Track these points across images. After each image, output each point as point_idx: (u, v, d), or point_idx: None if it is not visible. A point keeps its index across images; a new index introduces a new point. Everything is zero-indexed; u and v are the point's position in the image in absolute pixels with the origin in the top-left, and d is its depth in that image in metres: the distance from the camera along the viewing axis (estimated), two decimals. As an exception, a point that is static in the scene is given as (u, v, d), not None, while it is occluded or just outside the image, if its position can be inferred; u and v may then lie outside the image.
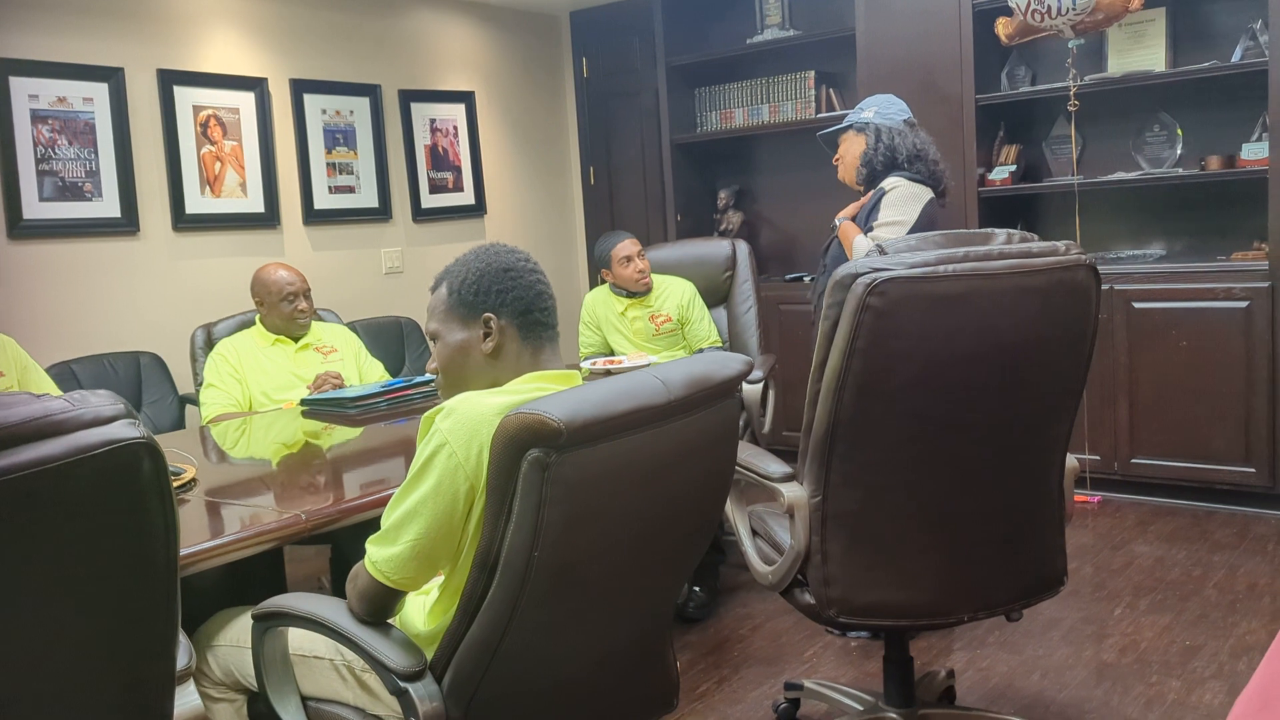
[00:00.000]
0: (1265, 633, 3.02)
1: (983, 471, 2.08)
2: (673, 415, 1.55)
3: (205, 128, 4.53)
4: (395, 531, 1.56)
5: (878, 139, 3.15)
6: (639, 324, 4.00)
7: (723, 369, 1.68)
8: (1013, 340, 1.98)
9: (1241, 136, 4.18)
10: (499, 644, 1.50)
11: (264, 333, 3.47)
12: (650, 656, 1.85)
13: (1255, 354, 3.92)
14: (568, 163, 6.22)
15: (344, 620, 1.63)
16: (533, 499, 1.41)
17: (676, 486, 1.64)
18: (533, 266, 1.74)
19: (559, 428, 1.38)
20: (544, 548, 1.44)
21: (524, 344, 1.70)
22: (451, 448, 1.51)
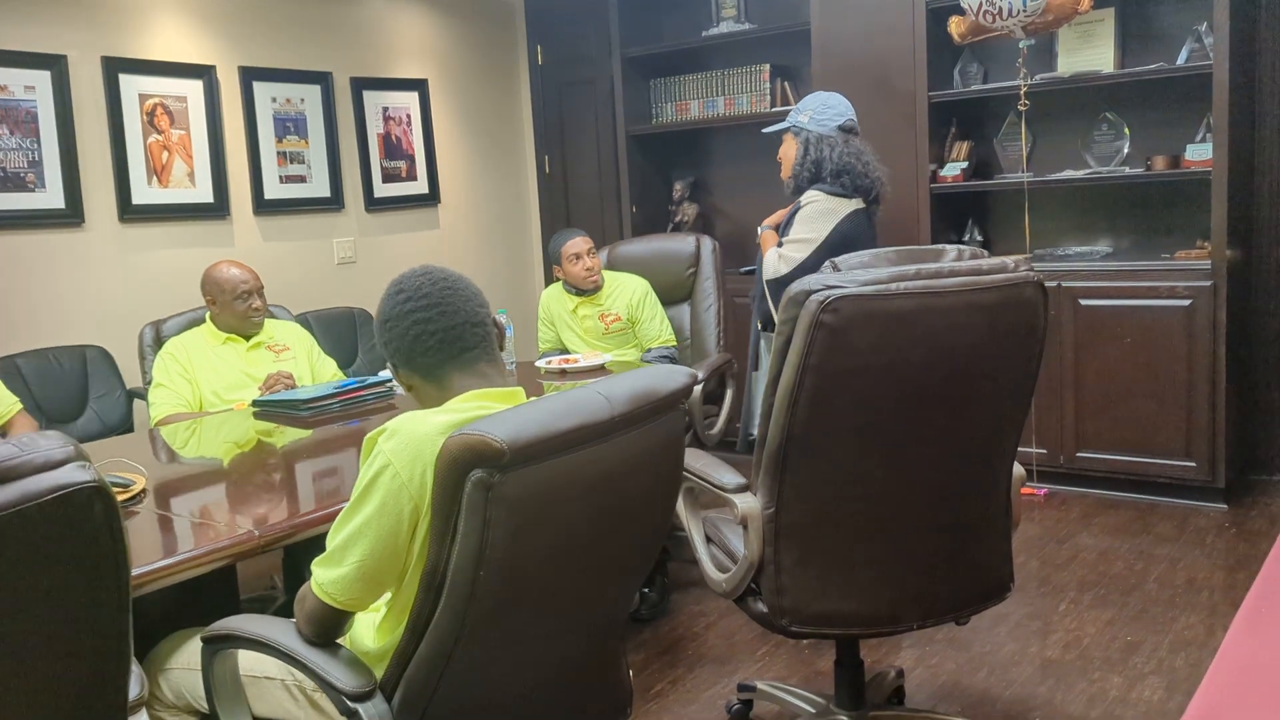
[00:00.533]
0: (1203, 628, 3.11)
1: (932, 484, 2.12)
2: (616, 430, 1.56)
3: (152, 116, 4.44)
4: (340, 553, 1.56)
5: (805, 151, 3.17)
6: (589, 322, 4.00)
7: (667, 382, 1.68)
8: (963, 356, 2.02)
9: (1186, 137, 4.26)
10: (447, 662, 1.51)
11: (214, 331, 3.42)
12: (604, 666, 1.87)
13: (1197, 351, 4.01)
14: (522, 152, 6.18)
15: (292, 642, 1.63)
16: (477, 519, 1.42)
17: (623, 499, 1.65)
18: (411, 309, 1.67)
19: (502, 448, 1.39)
20: (489, 566, 1.45)
21: (430, 383, 1.69)
22: (395, 469, 1.51)
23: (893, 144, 4.60)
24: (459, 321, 1.68)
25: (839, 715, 2.43)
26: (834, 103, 3.22)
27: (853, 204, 3.13)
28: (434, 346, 1.66)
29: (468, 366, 1.69)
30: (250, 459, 2.82)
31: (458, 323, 1.68)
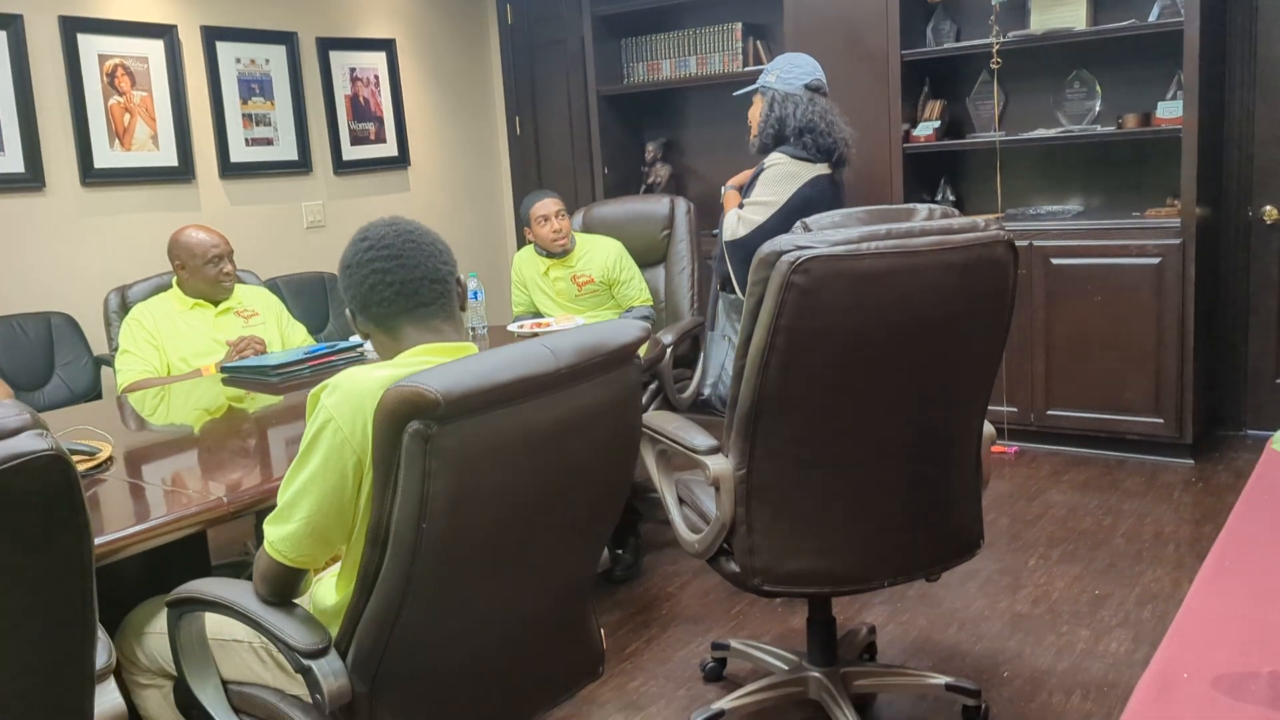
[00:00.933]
0: (1169, 581, 3.17)
1: (903, 443, 2.13)
2: (563, 383, 1.55)
3: (112, 78, 4.35)
4: (288, 510, 1.57)
5: (770, 109, 3.14)
6: (561, 284, 3.98)
7: (617, 336, 1.67)
8: (933, 316, 2.02)
9: (1158, 95, 4.27)
10: (397, 617, 1.51)
11: (182, 296, 3.38)
12: (571, 626, 1.87)
13: (1166, 309, 4.05)
14: (493, 113, 6.11)
15: (249, 602, 1.64)
16: (416, 471, 1.42)
17: (576, 454, 1.64)
18: (372, 256, 1.67)
19: (436, 399, 1.38)
20: (432, 519, 1.45)
21: (384, 333, 1.69)
22: (337, 423, 1.52)
23: (865, 103, 4.58)
24: (418, 276, 1.67)
25: (812, 672, 2.46)
26: (801, 62, 3.20)
27: (817, 169, 3.11)
28: (389, 298, 1.66)
29: (422, 321, 1.68)
30: (220, 425, 2.80)
31: (416, 277, 1.67)
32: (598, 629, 1.94)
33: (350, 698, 1.55)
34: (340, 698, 1.54)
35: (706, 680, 2.75)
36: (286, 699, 1.72)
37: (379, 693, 1.56)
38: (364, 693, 1.55)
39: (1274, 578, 1.38)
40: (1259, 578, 1.38)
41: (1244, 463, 4.15)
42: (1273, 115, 4.23)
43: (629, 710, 2.64)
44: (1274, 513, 1.59)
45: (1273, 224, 4.27)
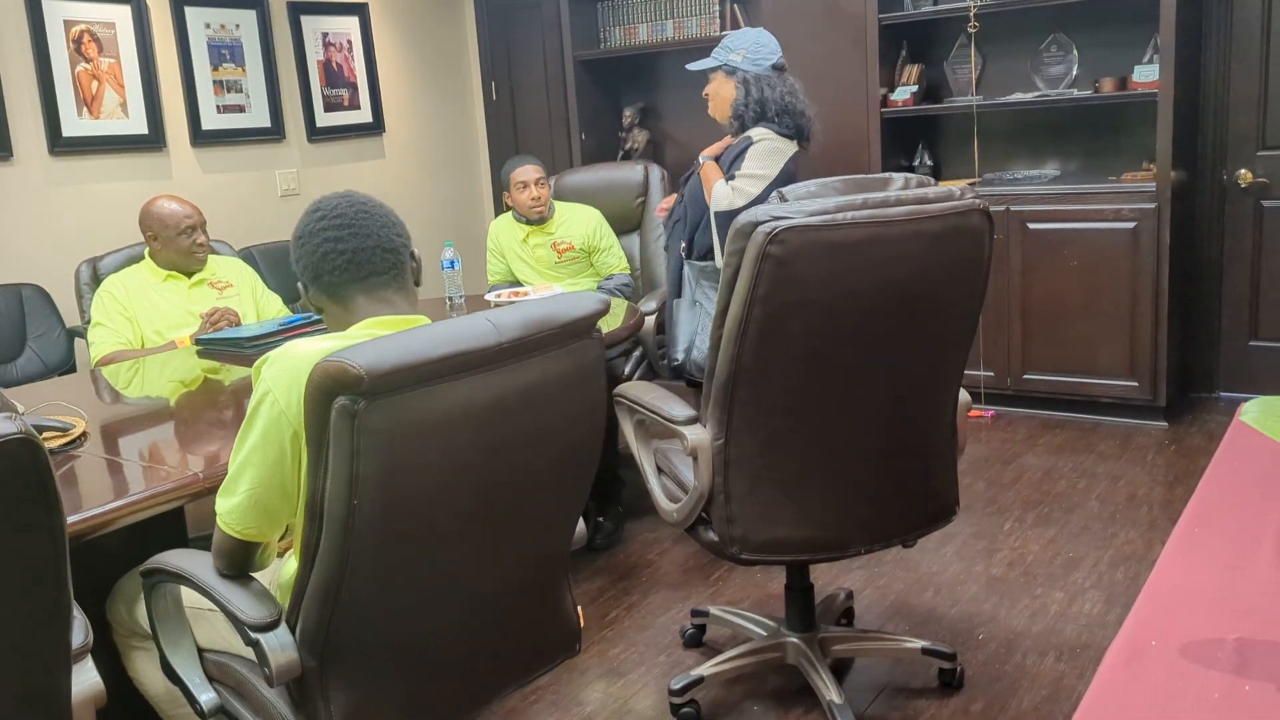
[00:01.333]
0: (1142, 542, 3.21)
1: (879, 412, 2.14)
2: (507, 358, 1.52)
3: (79, 44, 4.27)
4: (233, 482, 1.58)
5: (748, 92, 3.15)
6: (541, 251, 3.95)
7: (570, 309, 1.63)
8: (909, 285, 2.03)
9: (1134, 59, 4.26)
10: (338, 592, 1.50)
11: (155, 268, 3.34)
12: (542, 604, 1.84)
13: (1141, 273, 4.07)
14: (468, 78, 6.04)
15: (206, 574, 1.64)
16: (344, 447, 1.40)
17: (526, 429, 1.60)
18: (325, 226, 1.65)
19: (360, 374, 1.35)
20: (364, 496, 1.43)
21: (336, 304, 1.68)
22: (274, 396, 1.51)
23: (843, 68, 4.56)
24: (369, 245, 1.66)
25: (790, 638, 2.49)
26: (765, 40, 3.21)
27: (794, 146, 3.16)
28: (341, 266, 1.64)
29: (373, 291, 1.66)
30: (196, 398, 2.78)
31: (368, 245, 1.65)
32: (574, 607, 1.91)
33: (300, 671, 1.55)
34: (289, 671, 1.54)
35: (686, 647, 2.78)
36: (254, 667, 1.72)
37: (329, 667, 1.56)
38: (314, 666, 1.55)
39: (1240, 548, 1.41)
40: (1225, 548, 1.41)
41: (1216, 425, 4.20)
42: (1247, 78, 4.24)
43: (610, 677, 2.66)
44: (1240, 484, 1.61)
45: (1247, 187, 4.30)
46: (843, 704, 2.28)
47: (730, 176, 3.14)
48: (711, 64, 3.23)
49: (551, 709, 2.54)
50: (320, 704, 1.57)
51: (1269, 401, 1.17)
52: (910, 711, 2.43)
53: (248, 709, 1.73)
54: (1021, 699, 2.44)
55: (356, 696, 1.59)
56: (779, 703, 2.50)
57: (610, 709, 2.52)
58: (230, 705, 1.76)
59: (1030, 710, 2.40)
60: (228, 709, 1.77)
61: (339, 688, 1.57)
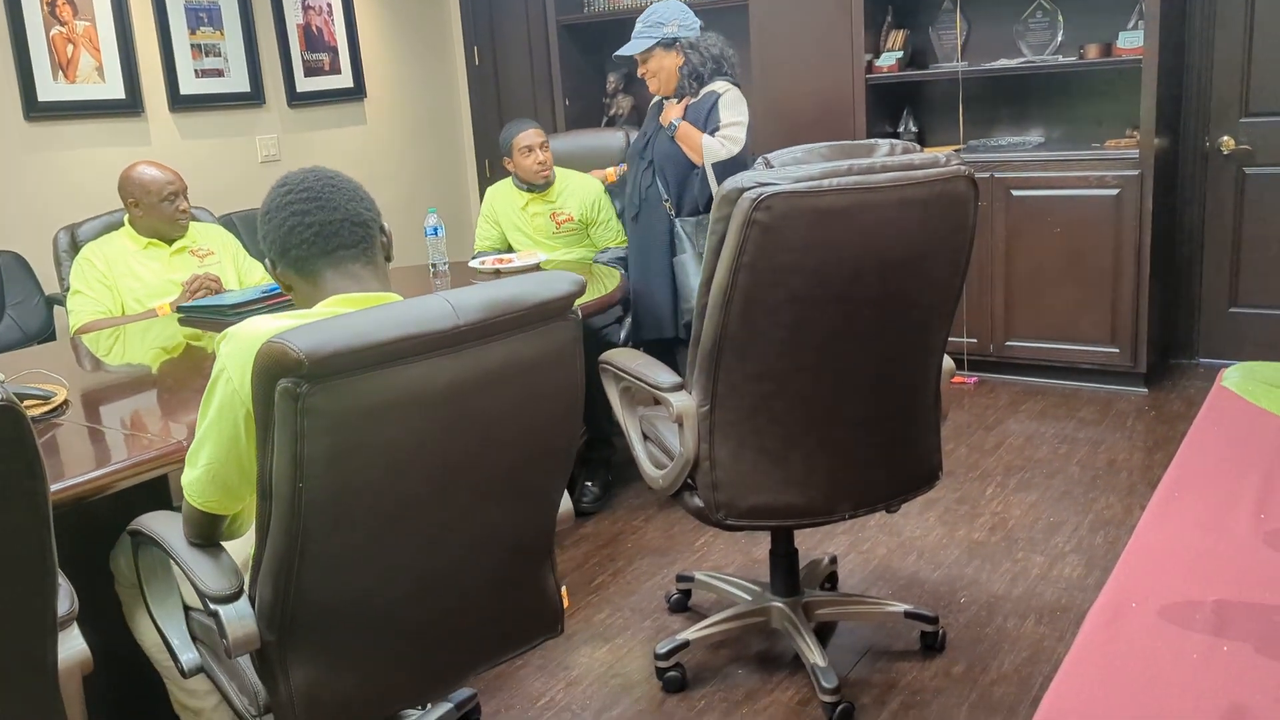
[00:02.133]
0: (1121, 507, 3.25)
1: (864, 379, 2.15)
2: (465, 341, 1.47)
3: (53, 6, 4.19)
4: (194, 455, 1.59)
5: (699, 54, 3.35)
6: (539, 220, 3.92)
7: (539, 291, 1.58)
8: (894, 252, 2.03)
9: (1119, 25, 4.26)
10: (290, 569, 1.49)
11: (135, 235, 3.30)
12: (519, 588, 1.81)
13: (1123, 240, 4.09)
14: (451, 43, 5.98)
15: (175, 541, 1.65)
16: (289, 430, 1.38)
17: (489, 413, 1.56)
18: (292, 200, 1.63)
19: (299, 358, 1.33)
20: (310, 479, 1.41)
21: (304, 278, 1.65)
22: (229, 374, 1.51)
23: (829, 33, 4.53)
24: (337, 218, 1.63)
25: (774, 602, 2.51)
26: (685, 9, 3.43)
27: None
28: (308, 239, 1.62)
29: (340, 265, 1.63)
30: (178, 365, 2.76)
31: (335, 219, 1.63)
32: (556, 588, 1.88)
33: (259, 644, 1.55)
34: (247, 643, 1.54)
35: (671, 611, 2.80)
36: None
37: (289, 642, 1.55)
38: (273, 641, 1.55)
39: (1218, 511, 1.42)
40: (1205, 511, 1.42)
41: (1196, 391, 4.24)
42: (1231, 45, 4.24)
43: (595, 642, 2.68)
44: (1221, 448, 1.63)
45: (1229, 154, 4.31)
46: (826, 667, 2.31)
47: (714, 129, 3.31)
48: (649, 42, 3.37)
49: (538, 673, 2.56)
50: (280, 676, 1.56)
51: (1251, 367, 1.18)
52: (893, 674, 2.46)
53: (224, 672, 1.74)
54: (1002, 661, 2.48)
55: (316, 671, 1.58)
56: (763, 666, 2.53)
57: (596, 673, 2.55)
58: (209, 666, 1.78)
59: (1011, 672, 2.43)
60: (207, 669, 1.78)
61: (298, 661, 1.57)
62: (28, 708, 1.30)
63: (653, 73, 3.41)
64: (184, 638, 1.81)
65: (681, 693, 2.44)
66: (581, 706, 2.42)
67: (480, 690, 2.44)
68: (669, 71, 3.38)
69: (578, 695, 2.47)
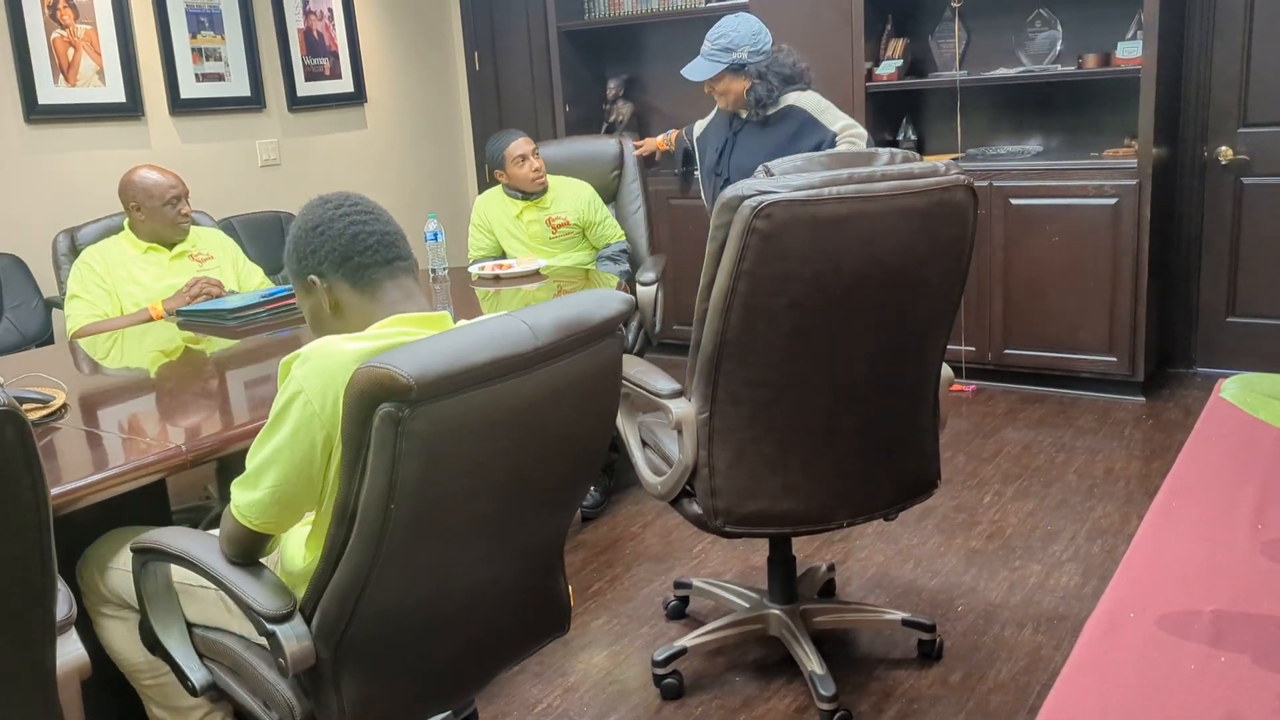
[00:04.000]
0: (1119, 516, 3.25)
1: (863, 387, 2.15)
2: (540, 362, 1.51)
3: (54, 10, 4.20)
4: (255, 477, 1.55)
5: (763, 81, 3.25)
6: (535, 227, 3.92)
7: (599, 310, 1.62)
8: (893, 261, 2.03)
9: (1118, 35, 4.27)
10: (362, 592, 1.50)
11: (135, 240, 3.30)
12: (540, 590, 1.85)
13: (1121, 249, 4.10)
14: (451, 49, 5.99)
15: (215, 561, 1.63)
16: (387, 454, 1.38)
17: (552, 429, 1.61)
18: (345, 211, 1.65)
19: (408, 384, 1.33)
20: (401, 500, 1.42)
21: (361, 291, 1.64)
22: (306, 396, 1.48)
23: (829, 42, 4.54)
24: (392, 230, 1.68)
25: (772, 609, 2.51)
26: (757, 28, 3.30)
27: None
28: (372, 246, 1.64)
29: (396, 277, 1.66)
30: (177, 370, 2.76)
31: (391, 230, 1.68)
32: (566, 587, 1.92)
33: (314, 662, 1.55)
34: (303, 662, 1.54)
35: (669, 618, 2.80)
36: (252, 647, 1.72)
37: (343, 659, 1.57)
38: (327, 658, 1.56)
39: (1216, 522, 1.43)
40: (1202, 522, 1.43)
41: (1193, 400, 4.24)
42: (1229, 56, 4.25)
43: (593, 648, 2.68)
44: (1218, 459, 1.63)
45: (1227, 164, 4.32)
46: (824, 674, 2.31)
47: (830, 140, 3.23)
48: (718, 68, 3.25)
49: (536, 680, 2.56)
50: (331, 692, 1.57)
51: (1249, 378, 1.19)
52: (890, 682, 2.46)
53: (243, 687, 1.72)
54: (999, 669, 2.48)
55: (367, 685, 1.60)
56: (761, 673, 2.53)
57: (594, 680, 2.54)
58: (223, 682, 1.76)
59: (1008, 680, 2.43)
60: (220, 685, 1.76)
61: (351, 676, 1.58)
62: (27, 712, 1.30)
63: (720, 93, 3.32)
64: (191, 656, 1.78)
65: (679, 700, 2.44)
66: (579, 713, 2.42)
67: (477, 696, 2.43)
68: (736, 93, 3.28)
69: (575, 702, 2.46)
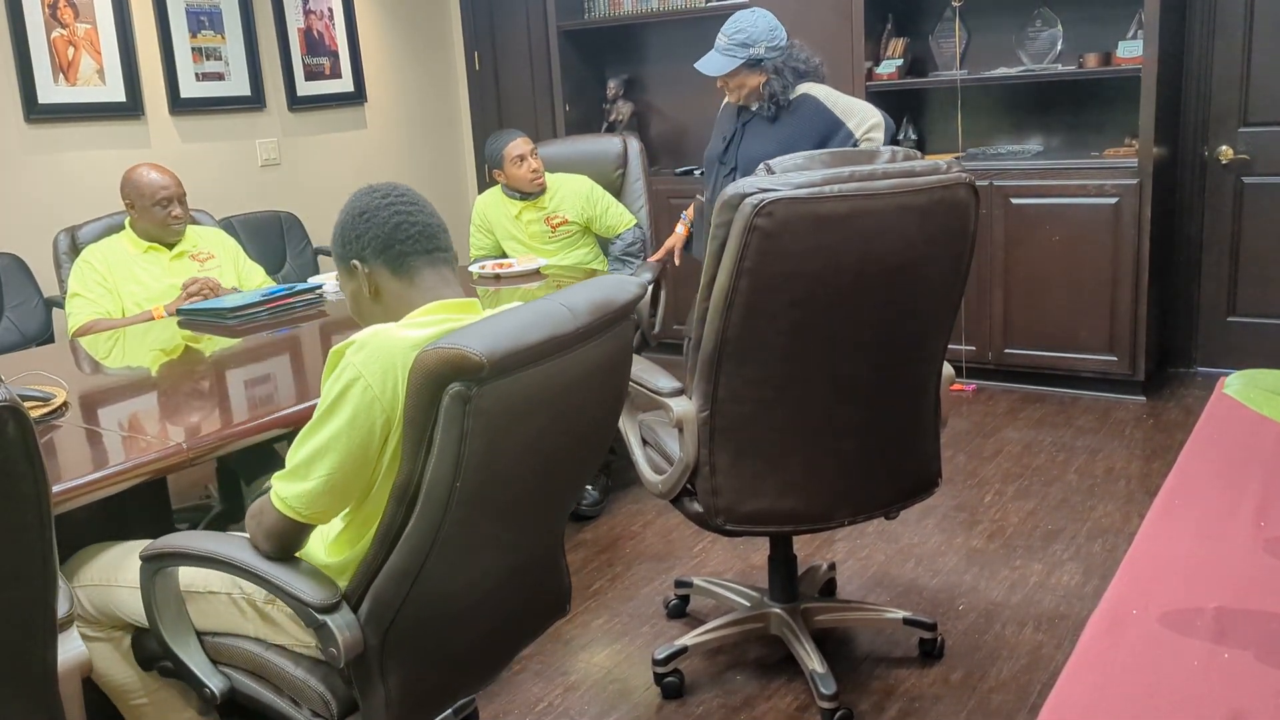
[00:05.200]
0: (1119, 515, 3.25)
1: (864, 385, 2.15)
2: (578, 342, 1.59)
3: (54, 9, 4.20)
4: (306, 467, 1.55)
5: (779, 76, 3.20)
6: (534, 226, 3.92)
7: (621, 293, 1.71)
8: (895, 259, 2.03)
9: (1118, 34, 4.27)
10: (419, 571, 1.54)
11: (135, 239, 3.30)
12: (548, 568, 1.92)
13: (1122, 248, 4.10)
14: (451, 48, 5.99)
15: (250, 558, 1.62)
16: (455, 431, 1.44)
17: (579, 409, 1.69)
18: (391, 201, 1.70)
19: (481, 362, 1.40)
20: (466, 477, 1.48)
21: (400, 278, 1.69)
22: (366, 381, 1.50)
23: (829, 41, 4.53)
24: (434, 222, 1.73)
25: (773, 608, 2.51)
26: (774, 23, 3.23)
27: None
28: (414, 235, 1.69)
29: (436, 267, 1.71)
30: (178, 368, 2.76)
31: (434, 223, 1.73)
32: (566, 566, 1.97)
33: (363, 649, 1.57)
34: (354, 650, 1.56)
35: (670, 617, 2.80)
36: (271, 648, 1.71)
37: (390, 645, 1.59)
38: (375, 644, 1.58)
39: (1220, 517, 1.43)
40: (1206, 518, 1.43)
41: (1194, 400, 4.24)
42: (1230, 55, 4.25)
43: (593, 648, 2.68)
44: (1221, 455, 1.63)
45: (1227, 164, 4.32)
46: (825, 673, 2.31)
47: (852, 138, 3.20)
48: (734, 63, 3.19)
49: (536, 679, 2.56)
50: (378, 679, 1.59)
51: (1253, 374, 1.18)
52: (891, 680, 2.46)
53: (268, 689, 1.71)
54: (1000, 668, 2.47)
55: (411, 669, 1.63)
56: (762, 672, 2.52)
57: (595, 678, 2.54)
58: (243, 685, 1.74)
59: (1009, 679, 2.43)
60: (240, 689, 1.74)
61: (396, 661, 1.60)
62: (28, 710, 1.30)
63: (733, 88, 3.27)
64: (206, 663, 1.76)
65: (680, 699, 2.44)
66: (579, 712, 2.42)
67: (478, 695, 2.43)
68: (751, 88, 3.23)
69: (575, 701, 2.46)
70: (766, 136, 3.22)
